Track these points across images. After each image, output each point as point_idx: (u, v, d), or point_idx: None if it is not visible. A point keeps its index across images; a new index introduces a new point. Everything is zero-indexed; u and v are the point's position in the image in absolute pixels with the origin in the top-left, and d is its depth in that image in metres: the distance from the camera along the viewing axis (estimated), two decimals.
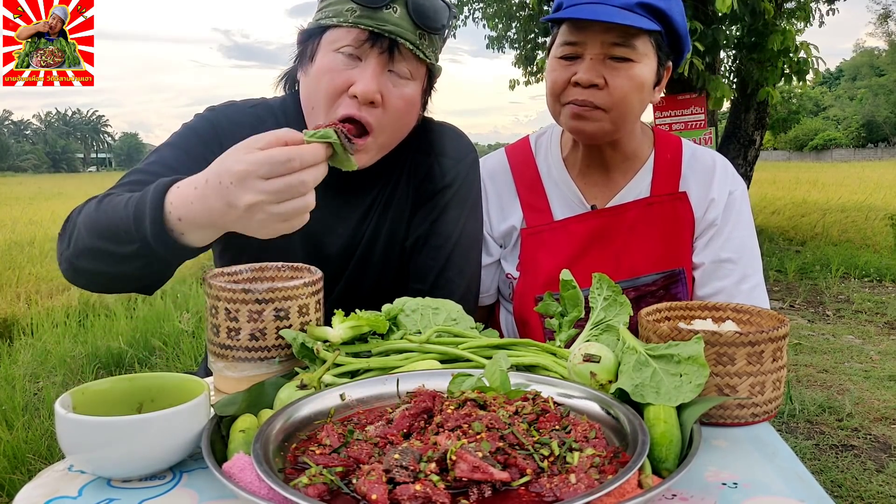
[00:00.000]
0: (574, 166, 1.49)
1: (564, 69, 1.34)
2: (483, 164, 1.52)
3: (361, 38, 1.18)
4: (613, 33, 1.29)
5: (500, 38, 13.09)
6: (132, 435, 0.77)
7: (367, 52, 1.19)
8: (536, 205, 1.49)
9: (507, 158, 1.56)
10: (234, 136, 1.15)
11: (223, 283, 1.10)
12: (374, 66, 1.19)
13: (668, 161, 1.48)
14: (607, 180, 1.47)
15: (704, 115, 7.61)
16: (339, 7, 1.19)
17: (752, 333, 0.90)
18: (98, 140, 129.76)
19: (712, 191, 1.45)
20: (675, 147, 1.50)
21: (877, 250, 8.26)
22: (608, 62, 1.31)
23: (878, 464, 3.02)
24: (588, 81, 1.31)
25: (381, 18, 1.17)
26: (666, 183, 1.46)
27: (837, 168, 32.39)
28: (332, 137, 0.96)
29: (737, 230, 1.45)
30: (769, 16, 6.39)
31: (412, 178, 1.38)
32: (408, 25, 1.18)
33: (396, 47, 1.19)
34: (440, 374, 0.94)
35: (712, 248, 1.44)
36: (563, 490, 0.64)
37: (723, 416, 0.93)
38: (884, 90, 55.93)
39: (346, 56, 1.19)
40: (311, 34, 1.24)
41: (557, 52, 1.36)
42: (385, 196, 1.37)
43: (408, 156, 1.38)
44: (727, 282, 1.42)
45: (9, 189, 28.49)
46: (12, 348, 4.67)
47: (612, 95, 1.31)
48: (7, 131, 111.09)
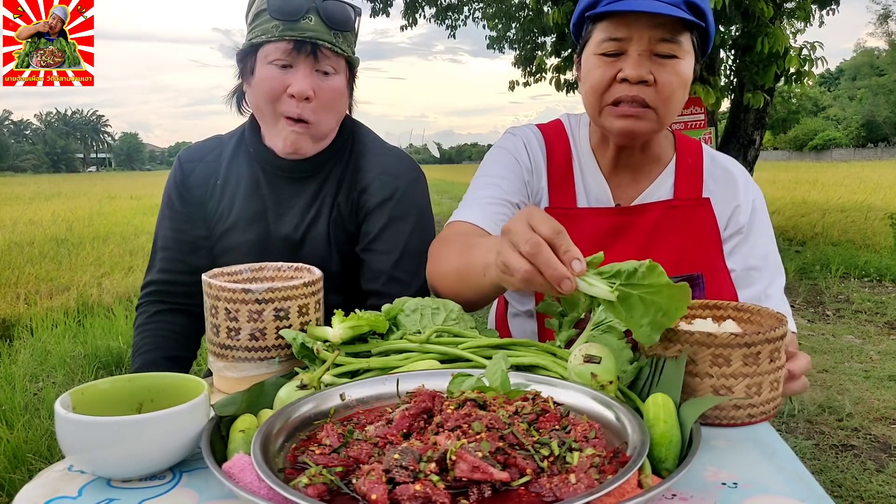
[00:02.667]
0: (603, 162, 1.46)
1: (608, 66, 1.30)
2: (514, 130, 1.54)
3: (289, 48, 1.40)
4: (662, 28, 1.26)
5: (500, 38, 13.10)
6: (132, 435, 0.77)
7: (296, 59, 1.41)
8: (563, 188, 1.46)
9: (541, 135, 1.52)
10: (193, 171, 1.58)
11: (223, 283, 1.10)
12: (304, 68, 1.42)
13: (690, 165, 1.47)
14: (632, 181, 1.46)
15: (704, 115, 7.61)
16: (266, 26, 1.41)
17: (748, 335, 0.90)
18: (98, 140, 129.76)
19: (738, 199, 1.45)
20: (696, 151, 1.50)
21: (877, 250, 8.26)
22: (654, 58, 1.28)
23: (878, 464, 3.02)
24: (638, 77, 1.26)
25: (301, 28, 1.39)
26: (689, 187, 1.45)
27: (837, 168, 32.40)
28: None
29: (761, 238, 1.45)
30: (766, 17, 6.38)
31: (354, 190, 1.55)
32: (323, 29, 1.41)
33: (318, 49, 1.41)
34: (440, 374, 0.94)
35: (741, 255, 1.44)
36: (563, 490, 0.64)
37: (719, 417, 0.92)
38: (884, 90, 55.91)
39: (279, 67, 1.42)
40: (247, 52, 1.46)
41: (598, 48, 1.32)
42: (331, 189, 1.54)
43: (349, 159, 1.57)
44: (755, 290, 1.42)
45: (9, 189, 28.46)
46: (12, 348, 4.67)
47: (660, 92, 1.29)
48: (7, 131, 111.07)
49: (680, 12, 1.23)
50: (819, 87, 65.87)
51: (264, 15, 1.42)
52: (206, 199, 1.57)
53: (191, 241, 1.58)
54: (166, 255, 1.58)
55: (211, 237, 1.58)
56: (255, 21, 1.44)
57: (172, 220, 1.59)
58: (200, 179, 1.57)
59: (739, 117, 7.97)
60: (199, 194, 1.57)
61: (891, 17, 47.98)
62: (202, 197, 1.57)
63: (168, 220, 1.59)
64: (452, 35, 14.00)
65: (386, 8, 12.66)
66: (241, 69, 1.51)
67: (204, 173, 1.57)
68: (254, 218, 1.53)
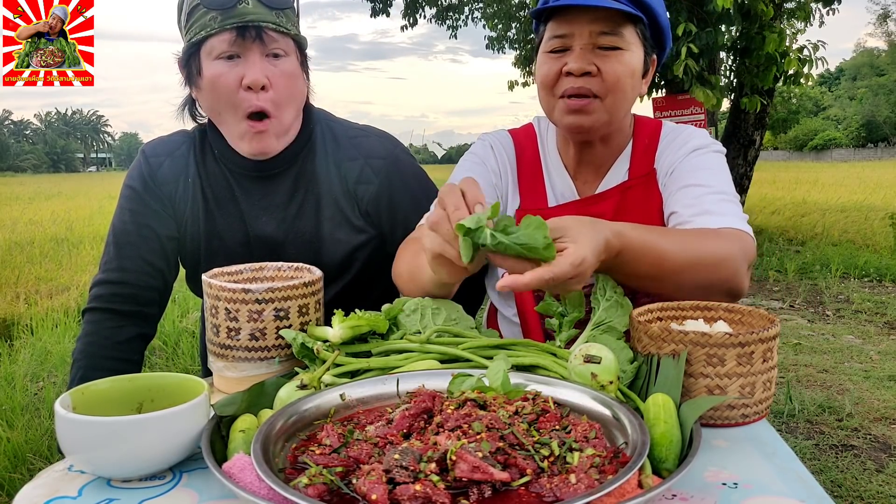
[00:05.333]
0: (567, 160, 1.48)
1: (554, 62, 1.34)
2: (485, 137, 1.56)
3: (233, 37, 1.33)
4: (601, 23, 1.30)
5: (499, 38, 13.11)
6: (132, 435, 0.77)
7: (243, 46, 1.34)
8: (534, 189, 1.48)
9: (512, 140, 1.55)
10: (161, 166, 1.49)
11: (223, 282, 1.10)
12: (253, 55, 1.35)
13: (646, 145, 1.46)
14: (595, 176, 1.47)
15: (704, 115, 7.61)
16: (203, 20, 1.34)
17: (742, 334, 0.90)
18: (98, 140, 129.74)
19: (677, 153, 1.40)
20: (655, 129, 1.48)
21: (877, 250, 8.26)
22: (597, 51, 1.31)
23: (878, 464, 3.02)
24: (580, 69, 1.30)
25: (241, 13, 1.32)
26: (642, 164, 1.44)
27: (837, 168, 32.38)
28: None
29: (701, 170, 1.36)
30: (766, 17, 6.38)
31: (347, 182, 1.50)
32: (264, 10, 1.34)
33: (263, 32, 1.34)
34: (440, 374, 0.94)
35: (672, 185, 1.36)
36: (563, 490, 0.64)
37: (713, 417, 0.93)
38: (884, 90, 55.90)
39: (226, 59, 1.35)
40: (190, 54, 1.39)
41: (546, 46, 1.36)
42: (309, 184, 1.49)
43: (325, 150, 1.51)
44: (690, 197, 1.31)
45: (9, 189, 28.46)
46: (12, 348, 4.67)
47: (605, 81, 1.31)
48: (7, 131, 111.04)
49: (618, 4, 1.26)
50: (819, 87, 65.86)
51: (199, 10, 1.34)
52: (175, 196, 1.48)
53: (155, 240, 1.48)
54: (126, 253, 1.46)
55: (180, 239, 1.50)
56: (191, 19, 1.36)
57: (136, 214, 1.47)
58: (169, 175, 1.48)
59: (739, 117, 7.98)
60: (169, 191, 1.48)
61: (890, 17, 48.02)
62: (171, 194, 1.48)
63: (130, 215, 1.48)
64: (454, 35, 14.00)
65: (386, 8, 12.67)
66: (187, 75, 1.42)
67: (173, 169, 1.49)
68: (232, 221, 1.48)
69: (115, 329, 1.45)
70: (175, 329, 4.81)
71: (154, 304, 1.52)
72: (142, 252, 1.47)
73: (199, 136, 1.52)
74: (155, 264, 1.48)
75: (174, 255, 1.53)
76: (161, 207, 1.48)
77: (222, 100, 1.36)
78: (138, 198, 1.48)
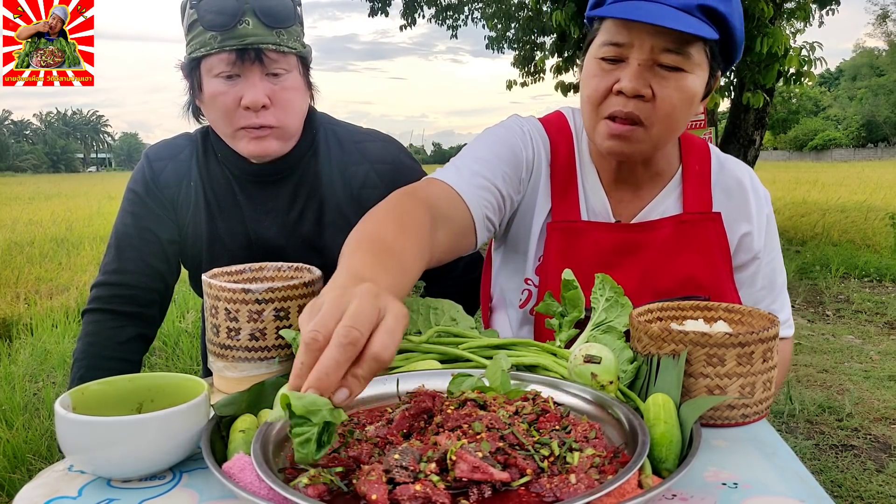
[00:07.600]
0: (604, 175, 1.34)
1: (606, 74, 1.18)
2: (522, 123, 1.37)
3: (232, 59, 1.30)
4: (666, 37, 1.12)
5: (499, 38, 13.11)
6: (132, 435, 0.77)
7: (242, 68, 1.31)
8: (566, 197, 1.34)
9: (546, 133, 1.36)
10: (164, 170, 1.48)
11: (223, 282, 1.10)
12: (253, 77, 1.32)
13: (698, 172, 1.35)
14: (634, 197, 1.34)
15: (704, 114, 7.61)
16: (203, 38, 1.31)
17: (742, 334, 0.90)
18: (98, 140, 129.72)
19: (751, 221, 1.34)
20: (703, 155, 1.37)
21: (877, 250, 8.26)
22: (656, 69, 1.14)
23: (878, 464, 3.02)
24: (633, 91, 1.14)
25: (240, 34, 1.28)
26: (698, 199, 1.33)
27: (837, 168, 32.38)
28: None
29: (772, 253, 1.38)
30: (766, 17, 6.37)
31: (349, 187, 1.48)
32: (264, 31, 1.30)
33: (263, 54, 1.31)
34: (440, 374, 0.94)
35: (753, 281, 1.36)
36: (563, 490, 0.64)
37: (713, 417, 0.92)
38: (884, 90, 55.94)
39: (225, 78, 1.32)
40: (191, 67, 1.37)
41: (598, 51, 1.19)
42: (311, 189, 1.48)
43: (329, 155, 1.49)
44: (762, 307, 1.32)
45: (9, 189, 28.47)
46: (12, 348, 4.67)
47: (658, 109, 1.16)
48: (7, 131, 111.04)
49: (688, 24, 1.10)
50: (819, 87, 65.85)
51: (198, 26, 1.31)
52: (177, 200, 1.48)
53: (156, 243, 1.48)
54: (126, 255, 1.47)
55: (182, 242, 1.50)
56: (191, 32, 1.33)
57: (137, 217, 1.47)
58: (172, 179, 1.48)
59: (739, 117, 7.97)
60: (171, 195, 1.48)
61: (889, 18, 48.01)
62: (174, 198, 1.48)
63: (132, 218, 1.48)
64: (454, 35, 14.01)
65: (384, 7, 12.67)
66: (190, 84, 1.41)
67: (176, 173, 1.48)
68: (233, 225, 1.47)
69: (115, 329, 1.45)
70: (175, 329, 4.81)
71: (154, 305, 1.52)
72: (142, 255, 1.47)
73: (201, 140, 1.51)
74: (155, 267, 1.48)
75: (175, 257, 1.53)
76: (163, 211, 1.48)
77: (221, 118, 1.36)
78: (140, 201, 1.48)
